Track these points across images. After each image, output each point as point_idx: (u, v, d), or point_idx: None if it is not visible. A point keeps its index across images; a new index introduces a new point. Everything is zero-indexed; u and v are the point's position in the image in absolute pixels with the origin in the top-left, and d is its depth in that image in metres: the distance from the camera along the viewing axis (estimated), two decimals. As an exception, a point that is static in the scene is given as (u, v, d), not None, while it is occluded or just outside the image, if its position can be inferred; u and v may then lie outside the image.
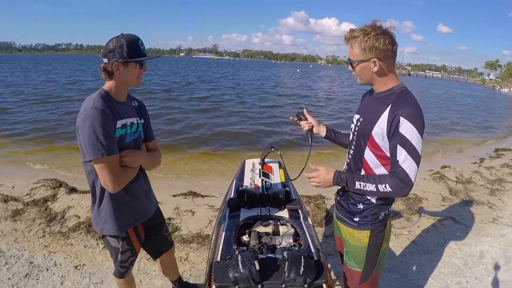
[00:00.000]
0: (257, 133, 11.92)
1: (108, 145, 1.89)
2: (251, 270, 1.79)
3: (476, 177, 7.13)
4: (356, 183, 1.95)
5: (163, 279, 3.47)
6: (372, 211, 2.05)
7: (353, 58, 1.89)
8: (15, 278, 3.43)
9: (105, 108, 1.92)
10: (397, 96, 1.86)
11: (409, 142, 1.75)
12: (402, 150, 1.77)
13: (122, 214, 2.22)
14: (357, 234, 2.13)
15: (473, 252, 4.21)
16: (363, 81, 1.96)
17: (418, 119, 1.75)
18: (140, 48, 2.01)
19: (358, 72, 1.91)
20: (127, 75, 2.02)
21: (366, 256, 2.14)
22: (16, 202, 5.07)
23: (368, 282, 2.24)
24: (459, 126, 15.82)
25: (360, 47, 1.82)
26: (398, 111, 1.77)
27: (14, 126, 11.34)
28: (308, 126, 2.53)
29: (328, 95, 26.80)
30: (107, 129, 1.89)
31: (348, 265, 2.28)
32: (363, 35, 1.79)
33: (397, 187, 1.82)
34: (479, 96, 38.46)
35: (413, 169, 1.78)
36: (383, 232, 2.11)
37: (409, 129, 1.74)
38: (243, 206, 2.77)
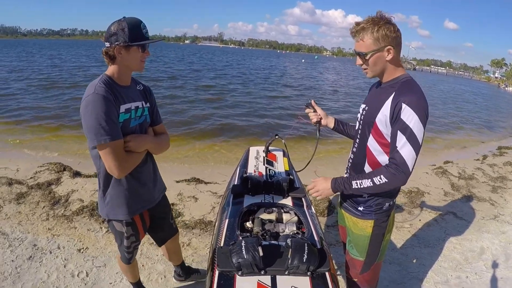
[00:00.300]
0: (262, 123, 11.89)
1: (111, 131, 1.87)
2: (254, 256, 1.80)
3: (478, 174, 7.13)
4: (353, 183, 1.96)
5: (165, 264, 3.51)
6: (377, 201, 2.06)
7: (365, 49, 1.86)
8: (18, 260, 3.46)
9: (107, 93, 1.89)
10: (402, 85, 1.87)
11: (410, 129, 1.75)
12: (402, 136, 1.78)
13: (128, 200, 2.21)
14: (361, 223, 2.14)
15: (474, 248, 4.22)
16: (375, 72, 1.95)
17: (420, 107, 1.75)
18: (142, 31, 1.96)
19: (372, 63, 1.90)
20: (129, 59, 1.98)
21: (369, 246, 2.16)
22: (20, 185, 5.10)
23: (369, 271, 2.26)
24: (463, 122, 15.75)
25: (373, 37, 1.81)
26: (401, 98, 1.78)
27: (19, 111, 11.34)
28: (316, 118, 2.54)
29: (334, 87, 26.57)
30: (110, 115, 1.87)
31: (350, 254, 2.30)
32: (374, 25, 1.80)
33: (392, 176, 1.82)
34: (484, 94, 38.22)
35: (410, 156, 1.78)
36: (387, 222, 2.13)
37: (411, 116, 1.74)
38: (247, 193, 2.78)
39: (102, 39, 1.97)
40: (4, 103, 12.35)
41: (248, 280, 1.81)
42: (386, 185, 1.86)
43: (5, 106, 11.96)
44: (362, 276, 2.29)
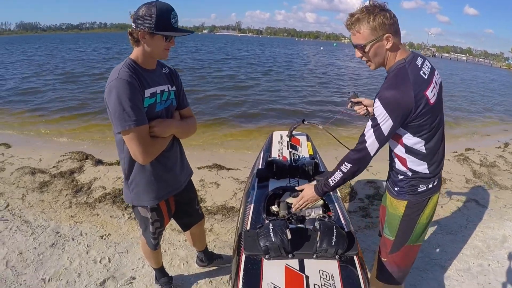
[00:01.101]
0: (285, 110, 11.79)
1: (135, 116, 1.83)
2: (283, 239, 1.80)
3: (500, 162, 6.99)
4: (329, 181, 2.07)
5: (187, 249, 3.55)
6: (410, 183, 2.04)
7: (363, 41, 1.82)
8: (41, 247, 3.52)
9: (131, 78, 1.85)
10: (388, 77, 1.86)
11: (376, 120, 1.79)
12: (369, 124, 1.85)
13: (153, 186, 2.20)
14: (395, 202, 2.13)
15: (496, 236, 4.16)
16: (377, 63, 1.92)
17: (391, 102, 1.74)
18: (171, 21, 1.87)
19: (372, 54, 1.86)
20: (152, 46, 1.92)
21: (399, 226, 2.14)
22: (43, 174, 5.19)
23: (399, 252, 2.23)
24: (485, 110, 15.41)
25: (370, 26, 1.77)
26: (378, 93, 1.80)
27: (42, 102, 11.53)
28: (363, 111, 2.53)
29: (358, 74, 26.19)
30: (134, 100, 1.83)
31: (384, 233, 2.30)
32: (369, 14, 1.76)
33: (352, 159, 1.93)
34: (506, 82, 37.42)
35: (372, 142, 1.85)
36: (423, 204, 2.09)
37: (379, 111, 1.77)
38: (271, 177, 2.78)
39: (131, 17, 1.91)
40: (27, 96, 12.55)
41: (275, 264, 1.81)
42: (351, 169, 1.95)
43: (29, 98, 12.15)
44: (391, 256, 2.27)
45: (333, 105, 12.64)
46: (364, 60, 1.95)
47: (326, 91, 16.34)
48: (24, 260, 3.33)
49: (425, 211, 2.11)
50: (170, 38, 1.95)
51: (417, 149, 1.93)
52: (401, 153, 1.98)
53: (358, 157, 1.90)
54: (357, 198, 4.83)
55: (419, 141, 1.90)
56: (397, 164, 2.06)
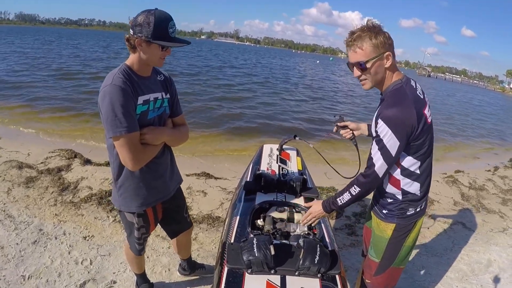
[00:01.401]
0: (276, 123, 11.80)
1: (127, 123, 1.84)
2: (266, 254, 1.79)
3: (489, 185, 7.03)
4: (337, 201, 2.07)
5: (170, 257, 3.51)
6: (399, 206, 2.04)
7: (365, 58, 1.82)
8: (23, 243, 3.48)
9: (125, 84, 1.85)
10: (388, 96, 1.87)
11: (382, 142, 1.79)
12: (375, 146, 1.85)
13: (141, 192, 2.19)
14: (383, 225, 2.13)
15: (481, 260, 4.16)
16: (375, 82, 1.92)
17: (395, 121, 1.75)
18: (169, 31, 1.88)
19: (373, 72, 1.85)
20: (148, 54, 1.92)
21: (386, 248, 2.14)
22: (30, 170, 5.14)
23: (384, 275, 2.24)
24: (476, 132, 15.60)
25: (372, 44, 1.78)
26: (380, 112, 1.80)
27: (35, 98, 11.45)
28: (349, 135, 2.55)
29: (351, 91, 26.36)
30: (126, 106, 1.84)
31: (369, 254, 2.30)
32: (371, 32, 1.78)
33: (363, 184, 1.94)
34: (499, 105, 37.88)
35: (380, 165, 1.85)
36: (410, 227, 2.10)
37: (384, 131, 1.77)
38: (259, 190, 2.77)
39: (130, 23, 1.90)
40: (21, 90, 12.45)
41: (257, 279, 1.80)
42: (360, 193, 1.96)
43: (22, 92, 12.07)
44: (375, 278, 2.27)
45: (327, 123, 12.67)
46: (361, 80, 1.93)
47: (320, 107, 16.34)
48: (5, 255, 3.28)
49: (411, 234, 2.13)
50: (167, 48, 1.95)
51: (413, 171, 1.95)
52: (396, 175, 1.98)
53: (367, 181, 1.92)
54: (344, 215, 4.82)
55: (416, 162, 1.92)
56: (388, 187, 2.05)
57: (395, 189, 2.02)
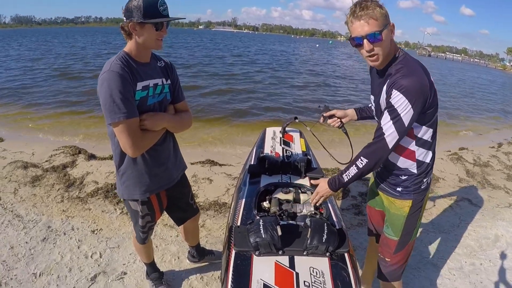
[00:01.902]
0: (278, 107, 11.80)
1: (126, 108, 1.83)
2: (273, 235, 1.78)
3: (493, 161, 7.02)
4: (344, 177, 2.01)
5: (179, 245, 3.53)
6: (415, 181, 2.04)
7: (379, 28, 1.71)
8: (32, 242, 3.50)
9: (123, 70, 1.86)
10: (395, 67, 1.82)
11: (397, 111, 1.73)
12: (387, 116, 1.78)
13: (143, 179, 2.19)
14: (399, 203, 2.12)
15: (488, 235, 4.18)
16: (386, 55, 1.82)
17: (412, 92, 1.69)
18: (159, 9, 1.88)
19: (386, 43, 1.77)
20: (144, 37, 1.92)
21: (404, 225, 2.14)
22: (35, 169, 5.15)
23: (403, 251, 2.25)
24: (479, 110, 15.52)
25: (383, 13, 1.72)
26: (394, 83, 1.74)
27: (36, 97, 11.44)
28: (337, 123, 2.53)
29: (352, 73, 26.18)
30: (124, 92, 1.83)
31: (385, 233, 2.29)
32: (373, 4, 1.71)
33: (369, 152, 1.88)
34: (500, 83, 37.61)
35: (391, 135, 1.79)
36: (423, 202, 2.12)
37: (399, 101, 1.71)
38: (264, 173, 2.76)
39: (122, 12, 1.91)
40: (21, 90, 12.44)
41: (265, 261, 1.80)
42: (367, 165, 1.89)
43: (22, 92, 12.06)
44: (395, 256, 2.27)
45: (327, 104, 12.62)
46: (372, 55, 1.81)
47: (322, 90, 16.32)
48: (15, 255, 3.30)
49: (423, 207, 2.15)
50: (161, 26, 1.94)
51: (426, 139, 1.93)
52: (411, 146, 1.95)
53: (375, 150, 1.85)
54: (350, 195, 4.83)
55: (428, 130, 1.91)
56: (401, 161, 2.02)
57: (410, 161, 1.99)
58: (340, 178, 2.04)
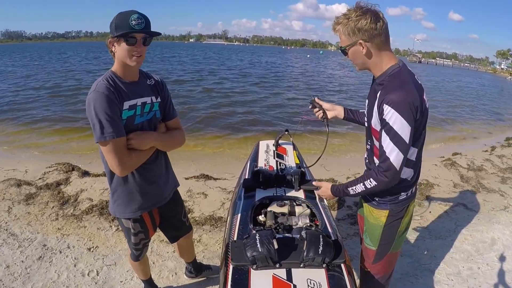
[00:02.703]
0: (269, 120, 11.81)
1: (112, 128, 1.84)
2: (269, 249, 1.79)
3: (487, 165, 7.07)
4: (349, 190, 2.05)
5: (176, 261, 3.51)
6: (392, 192, 2.03)
7: (342, 44, 1.87)
8: (28, 260, 3.47)
9: (108, 90, 1.86)
10: (387, 80, 1.83)
11: (393, 129, 1.73)
12: (386, 137, 1.77)
13: (135, 197, 2.19)
14: (376, 212, 2.13)
15: (485, 239, 4.19)
16: (359, 66, 1.94)
17: (402, 104, 1.70)
18: (131, 23, 1.81)
19: (351, 57, 1.90)
20: (119, 53, 1.91)
21: (382, 235, 2.15)
22: (29, 186, 5.11)
23: (382, 261, 2.25)
24: (471, 114, 15.67)
25: (345, 32, 1.80)
26: (384, 98, 1.75)
27: (28, 114, 11.37)
28: (321, 114, 2.48)
29: (343, 83, 26.29)
30: (110, 112, 1.84)
31: (365, 243, 2.30)
32: (346, 20, 1.78)
33: (381, 180, 1.86)
34: (491, 86, 38.02)
35: (396, 157, 1.78)
36: (403, 213, 2.11)
37: (393, 117, 1.71)
38: (258, 187, 2.77)
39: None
40: (14, 107, 12.43)
41: (263, 274, 1.80)
42: (376, 188, 1.90)
43: (15, 111, 11.97)
44: (374, 266, 2.28)
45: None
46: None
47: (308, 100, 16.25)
48: (11, 274, 3.27)
49: (405, 219, 2.14)
50: (134, 42, 1.88)
51: (409, 158, 1.93)
52: None
53: (386, 178, 1.83)
54: (345, 205, 4.84)
55: (413, 150, 1.91)
56: None
57: None
58: (345, 190, 2.08)
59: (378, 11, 1.77)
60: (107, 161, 1.96)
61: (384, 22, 1.78)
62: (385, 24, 1.79)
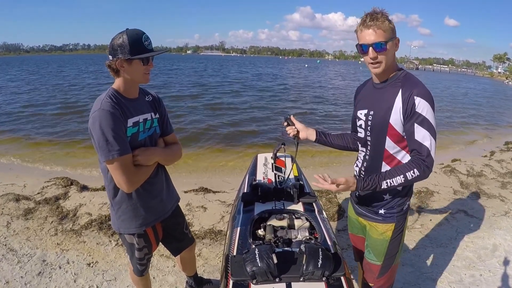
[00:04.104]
0: (267, 132, 11.80)
1: (119, 146, 1.87)
2: (269, 263, 1.79)
3: (487, 170, 7.07)
4: (383, 184, 1.86)
5: (176, 275, 3.49)
6: (399, 202, 2.04)
7: (385, 38, 1.80)
8: (27, 276, 3.44)
9: (113, 108, 1.89)
10: (404, 79, 1.88)
11: (427, 120, 1.78)
12: (421, 129, 1.80)
13: (139, 213, 2.20)
14: (381, 227, 2.12)
15: (486, 245, 4.18)
16: (387, 65, 1.89)
17: (430, 97, 1.80)
18: (144, 44, 1.93)
19: (390, 54, 1.85)
20: (132, 73, 1.97)
21: (387, 250, 2.14)
22: (27, 201, 5.09)
23: (387, 274, 2.24)
24: (470, 119, 15.72)
25: (391, 26, 1.82)
26: (412, 91, 1.80)
27: (27, 128, 11.40)
28: (293, 132, 2.44)
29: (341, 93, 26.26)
30: (117, 130, 1.87)
31: (367, 259, 2.28)
32: (385, 17, 1.82)
33: (423, 170, 1.82)
34: (488, 90, 38.17)
35: (433, 147, 1.83)
36: (404, 224, 2.12)
37: (425, 108, 1.78)
38: (257, 200, 2.77)
39: (107, 52, 1.97)
40: (13, 120, 12.45)
41: None
42: (417, 179, 1.84)
43: (13, 123, 12.03)
44: (379, 280, 2.27)
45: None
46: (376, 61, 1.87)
47: (318, 113, 16.19)
48: (11, 290, 3.24)
49: (405, 229, 2.15)
50: (148, 61, 1.99)
51: None
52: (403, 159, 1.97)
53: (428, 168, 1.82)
54: (345, 216, 4.80)
55: None
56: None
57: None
58: (379, 184, 1.87)
59: None
60: (114, 178, 1.98)
61: None
62: None
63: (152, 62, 2.04)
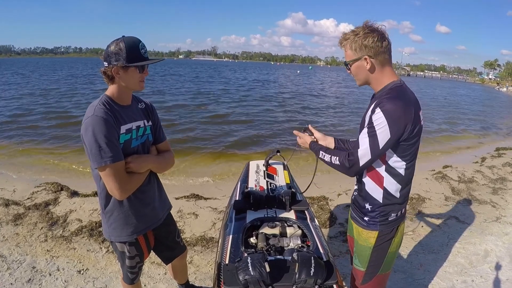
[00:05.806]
0: (260, 138, 11.78)
1: (111, 153, 1.86)
2: (261, 272, 1.79)
3: (478, 176, 7.12)
4: (320, 152, 2.17)
5: (167, 283, 3.46)
6: (382, 212, 2.03)
7: (347, 59, 1.95)
8: (17, 283, 3.40)
9: (107, 114, 1.89)
10: (387, 92, 1.88)
11: (374, 130, 1.79)
12: (365, 133, 1.84)
13: (130, 221, 2.18)
14: (365, 233, 2.12)
15: (478, 251, 4.20)
16: (360, 81, 2.00)
17: (394, 115, 1.75)
18: (141, 52, 1.94)
19: (354, 72, 1.97)
20: (127, 80, 1.97)
21: (371, 257, 2.13)
22: (17, 206, 5.03)
23: (371, 282, 2.23)
24: (460, 126, 15.84)
25: (352, 47, 1.89)
26: (380, 103, 1.80)
27: (17, 133, 11.26)
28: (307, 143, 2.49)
29: (337, 98, 26.37)
30: (109, 136, 1.86)
31: (354, 264, 2.30)
32: (354, 36, 1.86)
33: (343, 165, 1.97)
34: (479, 96, 38.55)
35: (366, 155, 1.86)
36: (393, 234, 2.09)
37: (380, 120, 1.77)
38: (249, 208, 2.76)
39: (101, 58, 1.96)
40: (3, 126, 12.27)
41: None
42: (337, 168, 2.03)
43: (4, 128, 11.88)
44: (363, 286, 2.26)
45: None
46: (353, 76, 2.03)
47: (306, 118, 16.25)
48: (0, 297, 3.20)
49: (395, 240, 2.12)
50: (144, 69, 1.99)
51: (398, 171, 1.94)
52: (381, 171, 1.97)
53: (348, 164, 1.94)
54: (337, 223, 4.83)
55: (402, 163, 1.92)
56: (369, 187, 2.03)
57: (377, 187, 2.00)
58: (318, 151, 2.20)
59: (384, 31, 1.87)
60: (106, 185, 1.97)
61: (389, 42, 1.88)
62: (390, 43, 1.88)
63: (147, 70, 2.05)
